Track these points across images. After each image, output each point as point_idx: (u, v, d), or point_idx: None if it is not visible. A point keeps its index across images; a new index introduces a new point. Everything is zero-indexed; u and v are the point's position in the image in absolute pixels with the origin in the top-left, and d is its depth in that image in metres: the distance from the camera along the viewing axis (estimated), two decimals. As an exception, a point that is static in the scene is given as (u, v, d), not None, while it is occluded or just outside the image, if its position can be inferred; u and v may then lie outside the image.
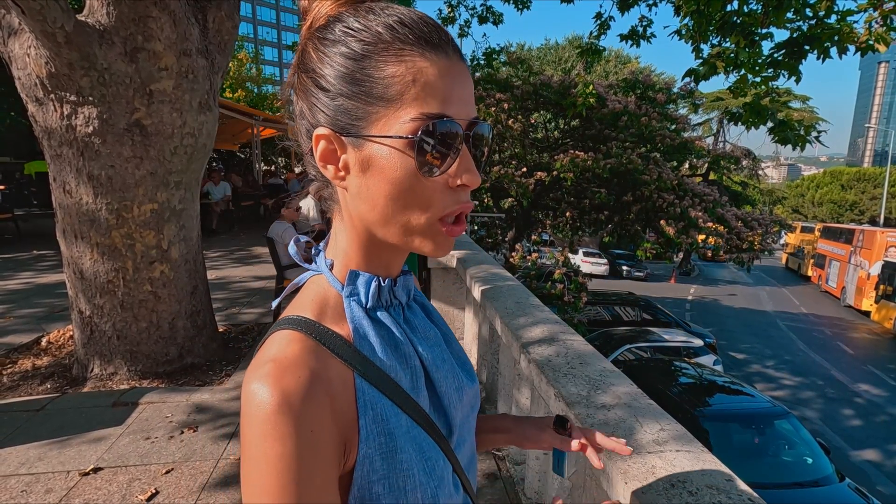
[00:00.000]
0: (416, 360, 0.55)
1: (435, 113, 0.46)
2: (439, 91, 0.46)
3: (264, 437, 0.42)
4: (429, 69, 0.46)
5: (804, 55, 3.55)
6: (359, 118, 0.47)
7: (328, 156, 0.49)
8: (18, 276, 6.18)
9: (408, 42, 0.46)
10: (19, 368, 3.55)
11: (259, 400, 0.43)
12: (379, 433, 0.48)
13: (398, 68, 0.46)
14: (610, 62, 30.28)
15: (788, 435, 5.99)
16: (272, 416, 0.42)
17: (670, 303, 18.88)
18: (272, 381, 0.44)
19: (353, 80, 0.47)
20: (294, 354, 0.46)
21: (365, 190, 0.48)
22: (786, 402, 10.09)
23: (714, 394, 6.66)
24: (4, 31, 2.82)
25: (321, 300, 0.53)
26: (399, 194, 0.47)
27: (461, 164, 0.48)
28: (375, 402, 0.49)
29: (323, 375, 0.47)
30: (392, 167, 0.46)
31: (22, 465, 2.39)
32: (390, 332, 0.54)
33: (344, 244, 0.54)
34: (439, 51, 0.47)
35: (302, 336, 0.48)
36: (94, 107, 2.87)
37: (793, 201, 45.12)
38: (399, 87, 0.45)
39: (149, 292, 3.26)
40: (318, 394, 0.45)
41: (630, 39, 6.49)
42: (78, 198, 3.02)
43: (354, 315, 0.52)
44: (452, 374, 0.59)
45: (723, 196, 11.84)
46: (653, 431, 1.37)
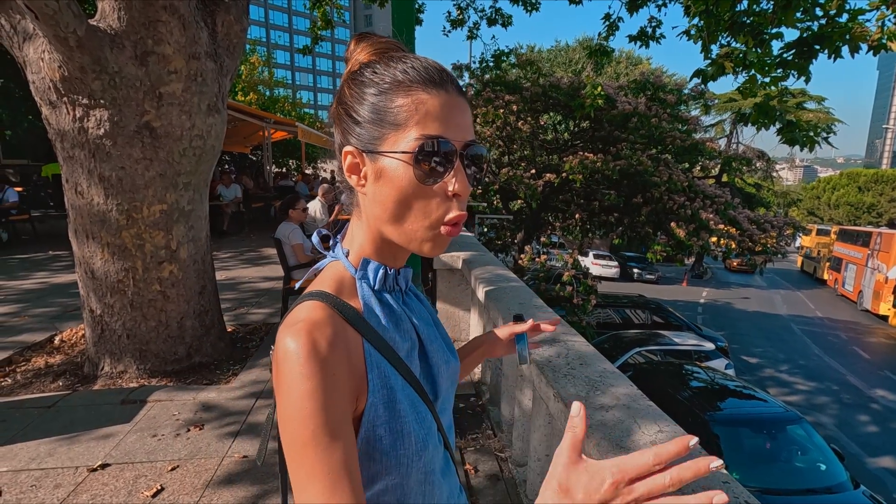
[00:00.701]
0: (413, 334, 0.69)
1: (433, 134, 0.58)
2: (437, 118, 0.59)
3: (299, 375, 0.53)
4: (430, 101, 0.59)
5: (814, 55, 3.50)
6: (375, 139, 0.60)
7: (353, 168, 0.63)
8: (34, 276, 6.30)
9: (415, 81, 0.59)
10: (33, 366, 3.62)
11: (295, 347, 0.54)
12: (382, 386, 0.60)
13: (406, 100, 0.59)
14: (621, 63, 30.08)
15: (801, 440, 5.89)
16: (305, 359, 0.53)
17: (682, 306, 18.66)
18: (304, 334, 0.55)
19: (373, 110, 0.60)
20: (320, 317, 0.58)
21: (378, 194, 0.61)
22: (799, 408, 9.92)
23: (725, 398, 6.56)
24: (20, 35, 2.89)
25: (339, 280, 0.65)
26: (404, 199, 0.59)
27: (455, 177, 0.60)
28: (379, 363, 0.61)
29: (342, 335, 0.58)
30: (399, 177, 0.59)
31: (32, 460, 2.44)
32: (392, 310, 0.67)
33: (360, 239, 0.67)
34: (440, 87, 0.60)
35: (324, 305, 0.60)
36: (105, 109, 2.93)
37: (808, 203, 44.39)
38: (406, 114, 0.58)
39: (158, 292, 3.31)
40: (339, 348, 0.57)
41: (639, 40, 6.45)
42: (89, 198, 3.08)
43: (364, 294, 0.65)
44: (442, 351, 0.72)
45: (735, 198, 11.69)
46: (651, 433, 1.36)
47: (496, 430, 2.84)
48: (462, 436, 2.74)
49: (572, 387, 1.64)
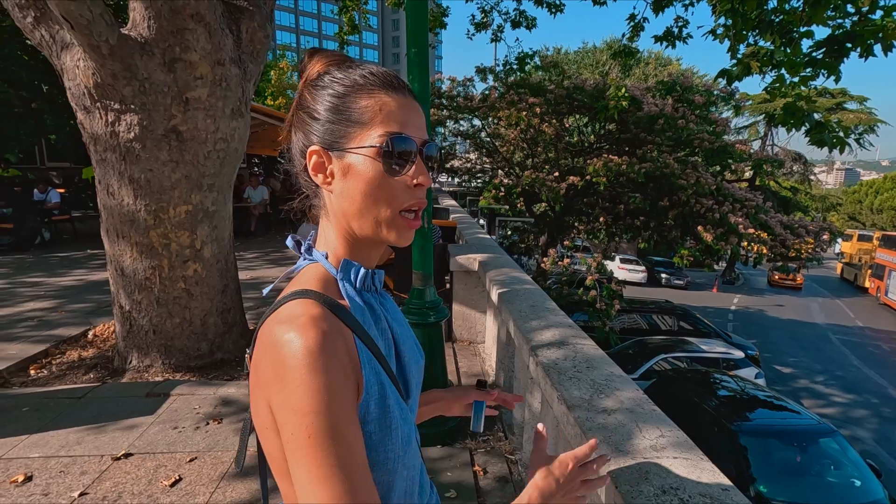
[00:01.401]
0: (389, 333, 0.71)
1: (395, 131, 0.63)
2: (398, 118, 0.64)
3: (310, 369, 0.53)
4: (391, 102, 0.64)
5: (845, 53, 3.37)
6: (341, 137, 0.64)
7: (318, 166, 0.66)
8: (72, 274, 6.62)
9: (376, 84, 0.64)
10: (67, 359, 3.81)
11: (301, 341, 0.54)
12: (374, 382, 0.61)
13: (369, 101, 0.63)
14: (650, 65, 29.51)
15: (835, 454, 5.64)
16: (317, 354, 0.54)
17: (712, 313, 18.15)
18: (310, 327, 0.55)
19: (336, 111, 0.64)
20: (319, 313, 0.59)
21: (346, 189, 0.64)
22: (835, 421, 9.51)
23: (755, 408, 6.34)
24: (58, 45, 3.05)
25: (323, 280, 0.66)
26: (371, 190, 0.63)
27: (417, 169, 0.65)
28: (370, 359, 0.62)
29: (339, 331, 0.59)
30: (366, 170, 0.63)
31: (62, 447, 2.56)
32: (373, 309, 0.70)
33: (333, 240, 0.69)
34: (399, 91, 0.65)
35: (316, 302, 0.61)
36: (135, 114, 3.06)
37: (849, 208, 42.53)
38: (370, 114, 0.63)
39: (182, 290, 3.43)
40: (340, 342, 0.58)
41: (665, 41, 6.33)
42: (120, 199, 3.23)
43: (349, 292, 0.67)
44: (413, 351, 0.75)
45: (768, 202, 11.30)
46: (651, 437, 1.34)
47: (507, 432, 2.83)
48: (473, 437, 2.75)
49: (576, 389, 1.63)
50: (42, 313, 4.82)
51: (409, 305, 2.65)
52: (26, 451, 2.52)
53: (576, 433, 1.45)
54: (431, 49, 10.56)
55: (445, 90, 12.34)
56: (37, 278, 6.32)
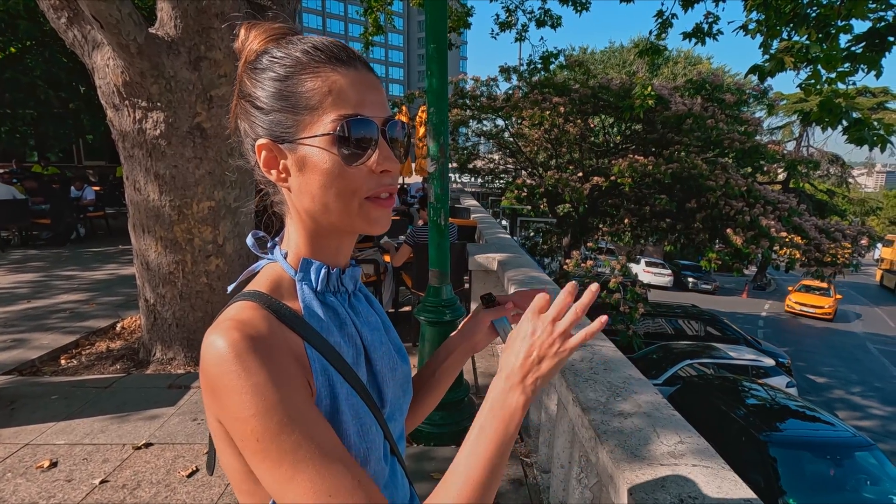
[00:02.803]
0: (358, 339, 0.64)
1: (350, 113, 0.55)
2: (352, 97, 0.55)
3: (237, 374, 0.48)
4: (340, 80, 0.55)
5: (887, 48, 3.20)
6: (290, 127, 0.56)
7: (270, 162, 0.58)
8: (105, 268, 6.84)
9: (321, 61, 0.56)
10: (96, 350, 3.92)
11: (223, 344, 0.49)
12: (326, 395, 0.55)
13: (315, 82, 0.55)
14: (678, 64, 28.84)
15: (872, 469, 5.38)
16: (241, 353, 0.48)
17: (741, 318, 17.59)
18: (232, 329, 0.50)
19: (281, 97, 0.56)
20: (251, 316, 0.53)
21: (304, 185, 0.57)
22: (873, 434, 9.08)
23: (786, 419, 6.11)
24: (89, 44, 3.14)
25: (276, 281, 0.60)
26: (331, 183, 0.56)
27: (381, 154, 0.57)
28: (324, 368, 0.56)
29: (279, 335, 0.53)
30: (322, 161, 0.55)
31: (87, 435, 2.63)
32: (336, 313, 0.62)
33: (295, 238, 0.62)
34: (349, 65, 0.57)
35: (256, 305, 0.55)
36: (161, 111, 3.13)
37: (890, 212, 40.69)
38: (318, 97, 0.55)
39: (205, 284, 3.50)
40: (279, 342, 0.52)
41: (694, 37, 6.15)
42: (146, 195, 3.31)
43: (305, 296, 0.60)
44: (388, 356, 0.67)
45: (802, 204, 10.89)
46: (670, 443, 1.29)
47: (523, 435, 2.78)
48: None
49: (592, 391, 1.58)
50: (75, 305, 4.99)
51: (425, 303, 2.63)
52: (53, 437, 2.60)
53: (590, 436, 1.40)
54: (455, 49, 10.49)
55: (469, 90, 12.30)
56: (71, 272, 6.55)
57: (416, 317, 2.65)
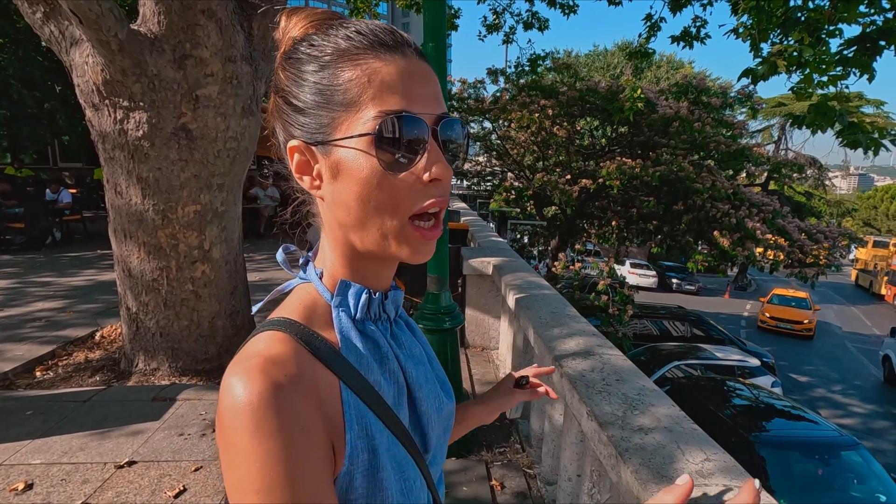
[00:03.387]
0: (400, 375, 0.55)
1: (394, 109, 0.46)
2: (398, 89, 0.47)
3: (253, 432, 0.41)
4: (384, 69, 0.47)
5: (879, 51, 3.23)
6: (324, 126, 0.48)
7: (302, 167, 0.51)
8: (82, 274, 6.60)
9: (362, 47, 0.48)
10: (73, 360, 3.75)
11: (244, 393, 0.42)
12: (363, 449, 0.47)
13: (353, 72, 0.47)
14: (661, 67, 29.22)
15: (858, 468, 5.46)
16: (261, 409, 0.41)
17: (724, 319, 17.85)
18: (259, 374, 0.42)
19: (315, 91, 0.48)
20: (281, 352, 0.46)
21: (338, 195, 0.49)
22: (855, 432, 9.25)
23: (772, 418, 6.18)
24: (67, 40, 2.99)
25: (310, 306, 0.52)
26: (368, 195, 0.47)
27: (430, 158, 0.48)
28: (362, 415, 0.48)
29: (310, 378, 0.46)
30: (359, 168, 0.47)
31: (65, 454, 2.48)
32: (377, 346, 0.54)
33: (331, 255, 0.54)
34: (395, 51, 0.48)
35: (289, 338, 0.47)
36: (144, 112, 2.99)
37: (864, 213, 41.88)
38: (357, 89, 0.47)
39: (190, 291, 3.36)
40: (308, 392, 0.44)
41: (682, 41, 6.20)
42: (128, 198, 3.16)
43: (343, 325, 0.52)
44: (434, 394, 0.59)
45: (784, 206, 11.08)
46: (697, 461, 1.23)
47: (525, 445, 2.71)
48: (489, 449, 2.63)
49: (607, 405, 1.51)
50: (51, 313, 4.78)
51: (424, 310, 2.55)
52: (28, 456, 2.45)
53: (610, 453, 1.33)
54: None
55: (456, 92, 12.26)
56: (47, 278, 6.30)
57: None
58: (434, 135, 0.48)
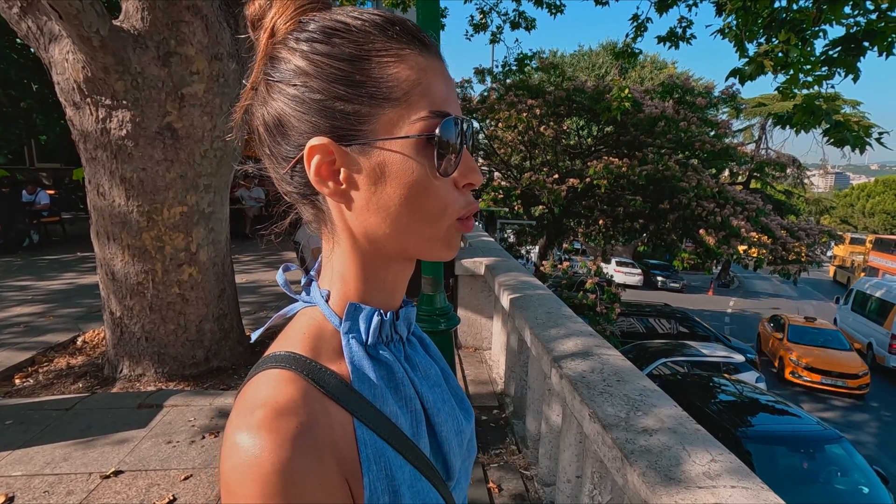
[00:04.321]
0: (417, 402, 0.51)
1: (442, 111, 0.44)
2: (440, 90, 0.45)
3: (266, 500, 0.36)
4: (428, 67, 0.45)
5: (863, 52, 3.29)
6: (362, 122, 0.44)
7: (325, 171, 0.45)
8: (62, 277, 6.42)
9: (404, 41, 0.45)
10: (55, 367, 3.63)
11: (253, 455, 0.37)
12: (384, 491, 0.43)
13: (399, 67, 0.44)
14: (645, 68, 29.57)
15: (841, 461, 5.57)
16: (274, 476, 0.37)
17: (708, 315, 18.12)
18: (269, 432, 0.38)
19: (351, 83, 0.43)
20: (289, 398, 0.41)
21: (377, 200, 0.45)
22: (836, 425, 9.45)
23: (757, 413, 6.28)
24: (46, 37, 2.89)
25: (316, 335, 0.48)
26: (416, 199, 0.45)
27: (465, 163, 0.46)
28: (380, 453, 0.44)
29: (324, 422, 0.42)
30: (408, 170, 0.44)
31: (47, 464, 2.40)
32: (391, 372, 0.50)
33: (341, 270, 0.49)
34: (433, 51, 0.46)
35: (295, 376, 0.43)
36: (127, 110, 2.91)
37: (841, 211, 42.91)
38: (406, 87, 0.44)
39: (177, 294, 3.27)
40: (322, 443, 0.40)
41: (668, 41, 6.25)
42: (111, 200, 3.07)
43: (354, 354, 0.47)
44: (453, 418, 0.55)
45: (766, 205, 11.29)
46: (703, 462, 1.22)
47: (521, 446, 2.69)
48: (485, 451, 2.61)
49: (610, 406, 1.50)
50: (29, 318, 4.64)
51: (419, 312, 2.51)
52: (9, 468, 2.36)
53: (615, 456, 1.32)
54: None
55: (443, 91, 12.25)
56: (25, 282, 6.12)
57: (409, 326, 2.53)
58: (464, 138, 0.46)
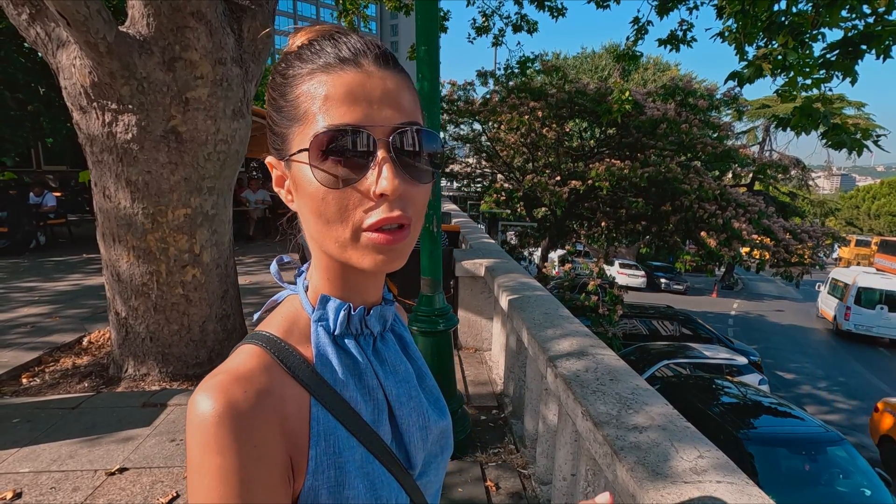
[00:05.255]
0: (379, 392, 0.54)
1: (338, 123, 0.45)
2: (345, 101, 0.46)
3: (205, 447, 0.42)
4: (330, 82, 0.46)
5: (861, 55, 3.31)
6: (284, 141, 0.50)
7: (279, 181, 0.53)
8: (68, 278, 6.49)
9: (314, 61, 0.48)
10: (61, 367, 3.69)
11: (202, 409, 0.43)
12: (329, 465, 0.48)
13: (304, 87, 0.47)
14: (648, 70, 29.55)
15: (843, 463, 5.55)
16: (214, 426, 0.42)
17: (712, 318, 18.08)
18: (218, 392, 0.44)
19: (277, 108, 0.50)
20: (248, 368, 0.47)
21: (302, 209, 0.51)
22: (840, 428, 9.41)
23: (760, 415, 6.26)
24: (54, 42, 2.95)
25: (291, 320, 0.54)
26: (318, 208, 0.47)
27: (379, 172, 0.46)
28: (330, 431, 0.48)
29: (276, 393, 0.47)
30: (308, 182, 0.47)
31: (54, 461, 2.45)
32: (355, 362, 0.53)
33: (313, 267, 0.55)
34: (350, 64, 0.47)
35: (263, 352, 0.49)
36: (133, 114, 2.96)
37: (846, 213, 42.67)
38: (306, 104, 0.47)
39: (181, 295, 3.32)
40: (267, 410, 0.45)
41: (669, 44, 6.28)
42: (116, 202, 3.12)
43: (320, 340, 0.52)
44: (418, 413, 0.57)
45: (769, 207, 11.27)
46: (690, 458, 1.25)
47: (519, 445, 2.72)
48: (483, 450, 2.64)
49: (602, 404, 1.53)
50: (36, 319, 4.70)
51: (418, 312, 2.55)
52: (16, 465, 2.41)
53: (605, 452, 1.35)
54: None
55: (446, 94, 12.29)
56: (31, 283, 6.19)
57: (409, 326, 2.57)
58: (386, 146, 0.46)
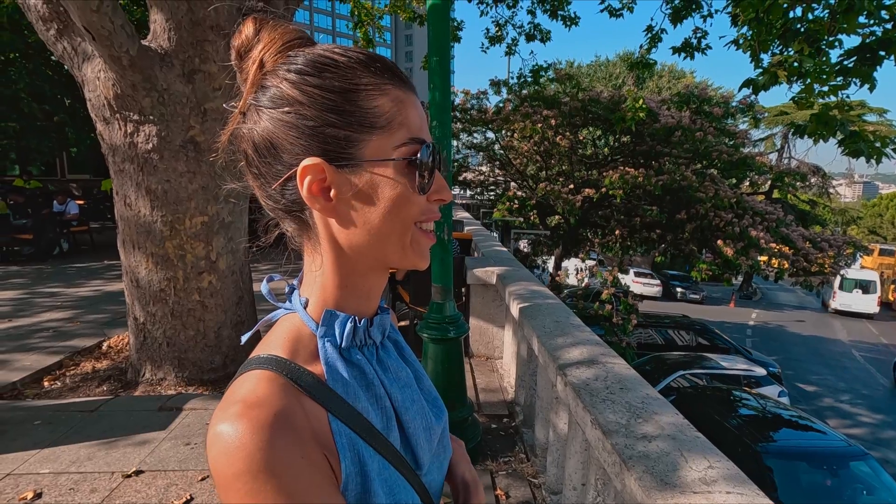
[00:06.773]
0: (387, 400, 0.57)
1: (418, 137, 0.52)
2: (415, 118, 0.53)
3: (254, 475, 0.41)
4: (406, 99, 0.52)
5: (879, 61, 3.26)
6: (351, 146, 0.50)
7: (317, 188, 0.51)
8: (89, 284, 6.66)
9: (385, 76, 0.52)
10: (81, 370, 3.78)
11: (236, 437, 0.42)
12: (356, 475, 0.49)
13: (384, 100, 0.51)
14: (663, 77, 29.39)
15: (867, 479, 5.39)
16: (257, 450, 0.41)
17: (729, 328, 17.75)
18: (246, 420, 0.43)
19: (341, 112, 0.50)
20: (265, 393, 0.46)
21: (360, 214, 0.52)
22: (863, 442, 9.14)
23: (779, 428, 6.12)
24: (79, 56, 3.06)
25: (294, 339, 0.53)
26: (396, 212, 0.51)
27: (437, 182, 0.54)
28: (353, 444, 0.50)
29: (300, 413, 0.47)
30: (391, 187, 0.51)
31: (73, 463, 2.50)
32: (363, 373, 0.55)
33: (322, 281, 0.55)
34: (407, 85, 0.54)
35: (273, 374, 0.48)
36: (153, 125, 3.05)
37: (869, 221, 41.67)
38: (388, 115, 0.51)
39: (197, 301, 3.39)
40: (299, 424, 0.45)
41: (683, 52, 6.26)
42: (137, 210, 3.21)
43: (329, 355, 0.53)
44: (421, 416, 0.60)
45: (788, 215, 11.07)
46: (700, 468, 1.24)
47: (529, 454, 2.71)
48: (494, 458, 2.63)
49: (611, 413, 1.53)
50: (58, 324, 4.83)
51: (428, 320, 2.57)
52: (37, 466, 2.47)
53: (614, 461, 1.34)
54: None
55: (459, 103, 12.37)
56: (54, 289, 6.36)
57: (419, 333, 2.59)
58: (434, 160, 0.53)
